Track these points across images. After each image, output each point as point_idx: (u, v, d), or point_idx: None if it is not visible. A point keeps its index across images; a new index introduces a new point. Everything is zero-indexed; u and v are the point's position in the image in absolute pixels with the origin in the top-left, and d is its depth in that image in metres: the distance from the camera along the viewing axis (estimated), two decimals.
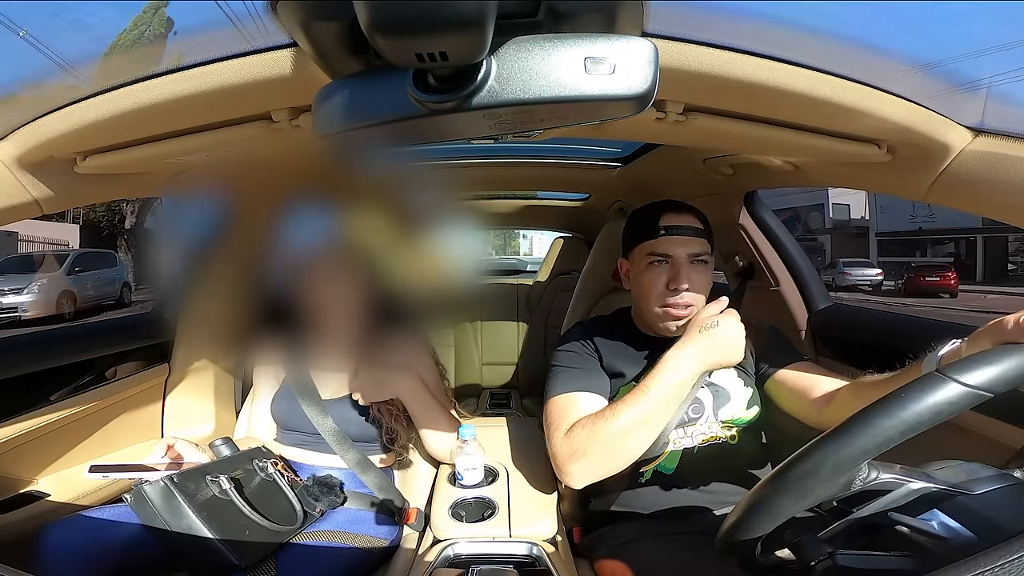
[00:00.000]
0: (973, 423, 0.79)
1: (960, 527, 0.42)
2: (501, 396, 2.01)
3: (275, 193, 1.23)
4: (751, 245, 1.30)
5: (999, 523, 0.41)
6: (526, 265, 4.05)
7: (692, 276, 0.89)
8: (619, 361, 0.95)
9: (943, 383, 0.42)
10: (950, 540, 0.42)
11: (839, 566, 0.46)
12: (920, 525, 0.44)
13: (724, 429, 0.91)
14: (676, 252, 0.90)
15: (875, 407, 0.44)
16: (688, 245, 0.90)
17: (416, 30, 0.31)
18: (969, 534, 0.42)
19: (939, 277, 13.13)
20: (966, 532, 0.42)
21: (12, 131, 0.61)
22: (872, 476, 0.45)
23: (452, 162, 1.50)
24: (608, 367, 0.95)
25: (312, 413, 1.03)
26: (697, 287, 0.90)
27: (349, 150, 0.78)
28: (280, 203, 1.24)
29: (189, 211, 1.22)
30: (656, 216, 0.93)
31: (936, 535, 0.43)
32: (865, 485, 0.45)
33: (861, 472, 0.45)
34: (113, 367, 1.19)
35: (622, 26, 0.42)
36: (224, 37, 0.47)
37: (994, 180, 0.59)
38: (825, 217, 17.27)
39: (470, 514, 0.92)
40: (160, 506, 0.79)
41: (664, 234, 0.91)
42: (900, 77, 0.53)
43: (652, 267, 0.92)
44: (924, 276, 13.49)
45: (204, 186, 1.08)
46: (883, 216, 15.98)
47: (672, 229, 0.91)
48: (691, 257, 0.90)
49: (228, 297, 1.27)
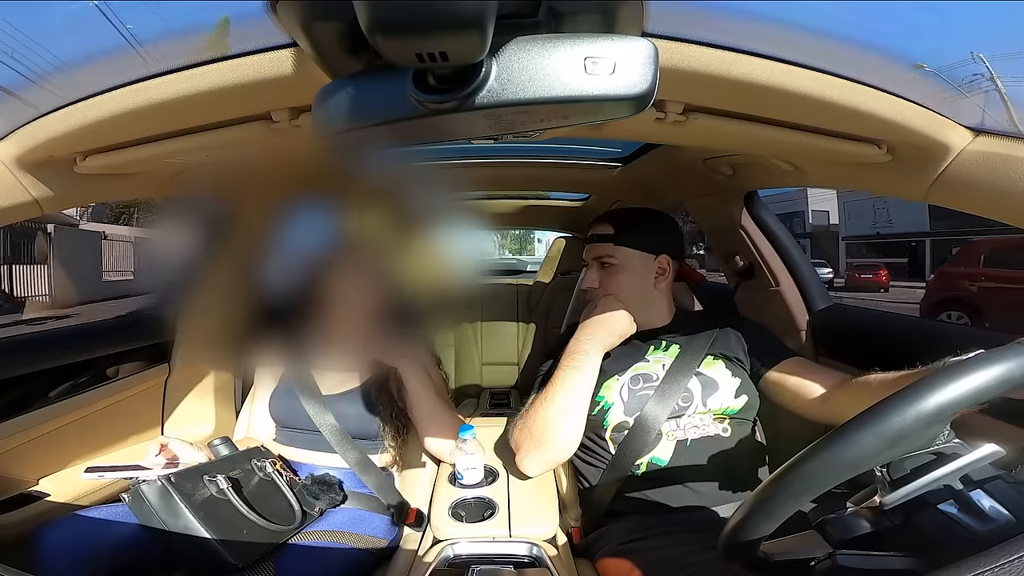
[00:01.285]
0: (973, 423, 0.79)
1: (1002, 509, 0.43)
2: (501, 396, 2.01)
3: (275, 193, 1.23)
4: (751, 245, 1.30)
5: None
6: (526, 265, 4.05)
7: (598, 276, 1.03)
8: (608, 360, 0.99)
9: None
10: (995, 520, 0.43)
11: (839, 566, 0.46)
12: (973, 502, 0.44)
13: (716, 422, 0.93)
14: (587, 257, 1.07)
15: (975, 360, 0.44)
16: (593, 251, 1.05)
17: (416, 30, 0.31)
18: (1010, 516, 0.42)
19: (872, 275, 14.92)
20: (1007, 514, 0.42)
21: (12, 131, 0.61)
22: (952, 437, 0.46)
23: (452, 162, 1.50)
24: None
25: (312, 409, 1.04)
26: (605, 287, 1.02)
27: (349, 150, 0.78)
28: (280, 203, 1.24)
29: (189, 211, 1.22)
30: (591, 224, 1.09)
31: (985, 514, 0.43)
32: (944, 444, 0.46)
33: (945, 430, 0.45)
34: (113, 367, 1.19)
35: (622, 26, 0.42)
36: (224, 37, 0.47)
37: (994, 180, 0.59)
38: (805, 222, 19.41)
39: (470, 514, 0.92)
40: (157, 506, 0.79)
41: (588, 242, 1.08)
42: (900, 77, 0.53)
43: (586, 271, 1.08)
44: (860, 274, 15.22)
45: (204, 186, 1.08)
46: (851, 222, 18.43)
47: (590, 238, 1.07)
48: (597, 261, 1.04)
49: (228, 297, 1.27)
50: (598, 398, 0.97)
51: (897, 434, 0.44)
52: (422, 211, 1.18)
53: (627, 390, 0.96)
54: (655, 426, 0.91)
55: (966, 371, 0.43)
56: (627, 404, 0.95)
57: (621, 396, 0.96)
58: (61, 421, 1.02)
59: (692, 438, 0.92)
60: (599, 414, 0.96)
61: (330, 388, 1.09)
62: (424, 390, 1.06)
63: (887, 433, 0.44)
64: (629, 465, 0.92)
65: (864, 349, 1.07)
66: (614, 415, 0.95)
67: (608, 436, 0.96)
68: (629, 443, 0.92)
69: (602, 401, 0.97)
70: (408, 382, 1.06)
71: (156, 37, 0.49)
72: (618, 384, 0.97)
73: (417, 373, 1.06)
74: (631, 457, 0.91)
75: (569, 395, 0.90)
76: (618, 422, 0.95)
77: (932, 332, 1.08)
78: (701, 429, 0.92)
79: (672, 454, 0.91)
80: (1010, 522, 0.41)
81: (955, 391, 0.43)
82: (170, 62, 0.50)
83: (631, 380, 0.97)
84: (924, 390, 0.44)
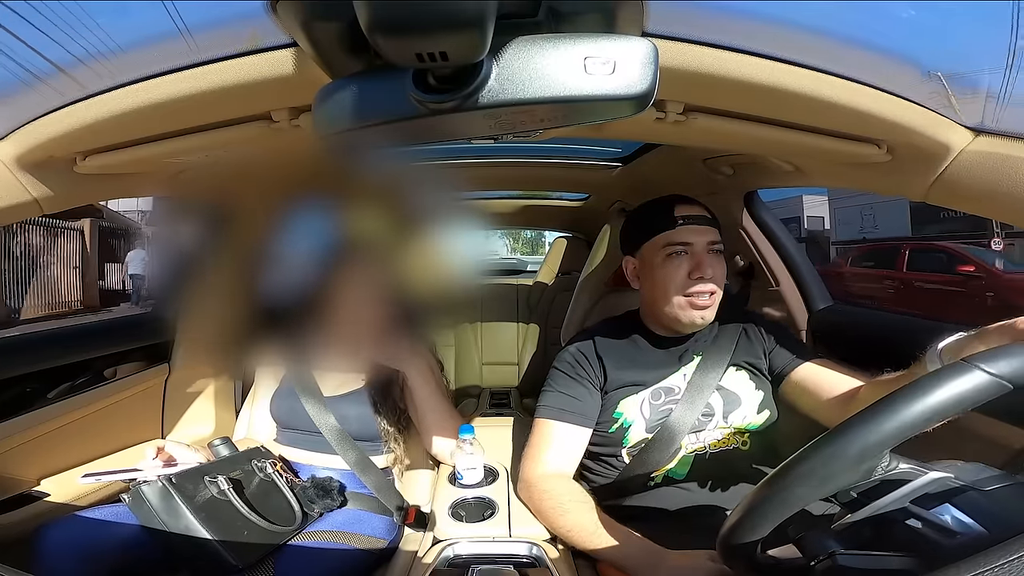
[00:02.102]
0: (973, 423, 0.79)
1: (972, 522, 0.42)
2: (501, 396, 2.01)
3: (275, 193, 1.23)
4: (751, 245, 1.30)
5: (1010, 519, 0.41)
6: (526, 265, 4.04)
7: (713, 264, 0.89)
8: (629, 369, 0.94)
9: (969, 370, 0.42)
10: (963, 534, 0.42)
11: (839, 566, 0.46)
12: (934, 518, 0.44)
13: (736, 435, 0.90)
14: (696, 240, 0.89)
15: (902, 393, 0.43)
16: (705, 234, 0.90)
17: (416, 30, 0.30)
18: (981, 529, 0.42)
19: None
20: (978, 527, 0.42)
21: (12, 131, 0.61)
22: (893, 465, 0.45)
23: (452, 162, 1.50)
24: (614, 378, 0.94)
25: (313, 410, 1.04)
26: (717, 277, 0.89)
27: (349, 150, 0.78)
28: (281, 203, 1.24)
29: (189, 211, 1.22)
30: (670, 207, 0.92)
31: (950, 529, 0.43)
32: (886, 473, 0.45)
33: (884, 460, 0.45)
34: (113, 367, 1.19)
35: (622, 26, 0.42)
36: (224, 37, 0.47)
37: (994, 180, 0.59)
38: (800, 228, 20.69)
39: (470, 514, 0.92)
40: (158, 506, 0.79)
41: (683, 224, 0.90)
42: (900, 77, 0.53)
43: (671, 259, 0.90)
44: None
45: (204, 186, 1.08)
46: (840, 227, 19.58)
47: (689, 219, 0.90)
48: (709, 245, 0.90)
49: (228, 297, 1.27)
50: (616, 414, 0.92)
51: (822, 478, 0.45)
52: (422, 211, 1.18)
53: (648, 406, 0.91)
54: (676, 440, 0.87)
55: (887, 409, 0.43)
56: (648, 420, 0.90)
57: (643, 413, 0.91)
58: (61, 421, 1.02)
59: (711, 451, 0.88)
60: (618, 432, 0.92)
61: (332, 389, 1.09)
62: (428, 392, 1.06)
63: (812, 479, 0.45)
64: (644, 478, 0.89)
65: (864, 349, 1.07)
66: (635, 433, 0.91)
67: (625, 452, 0.92)
68: (646, 455, 0.88)
69: (621, 418, 0.92)
70: (412, 384, 1.06)
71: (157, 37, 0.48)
72: (639, 400, 0.92)
73: (421, 373, 1.06)
74: (648, 469, 0.88)
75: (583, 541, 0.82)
76: (638, 439, 0.91)
77: (932, 332, 1.08)
78: (721, 443, 0.89)
79: (690, 467, 0.88)
80: (981, 534, 0.41)
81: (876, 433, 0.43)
82: (170, 62, 0.50)
83: (652, 395, 0.92)
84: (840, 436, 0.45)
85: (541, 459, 0.91)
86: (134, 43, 0.49)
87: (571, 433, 0.92)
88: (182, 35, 0.48)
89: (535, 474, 0.91)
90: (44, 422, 0.98)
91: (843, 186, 0.87)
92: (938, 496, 0.45)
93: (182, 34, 0.48)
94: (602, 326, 1.06)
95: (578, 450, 0.93)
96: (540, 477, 0.90)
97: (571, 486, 0.89)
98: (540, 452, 0.92)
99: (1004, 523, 0.41)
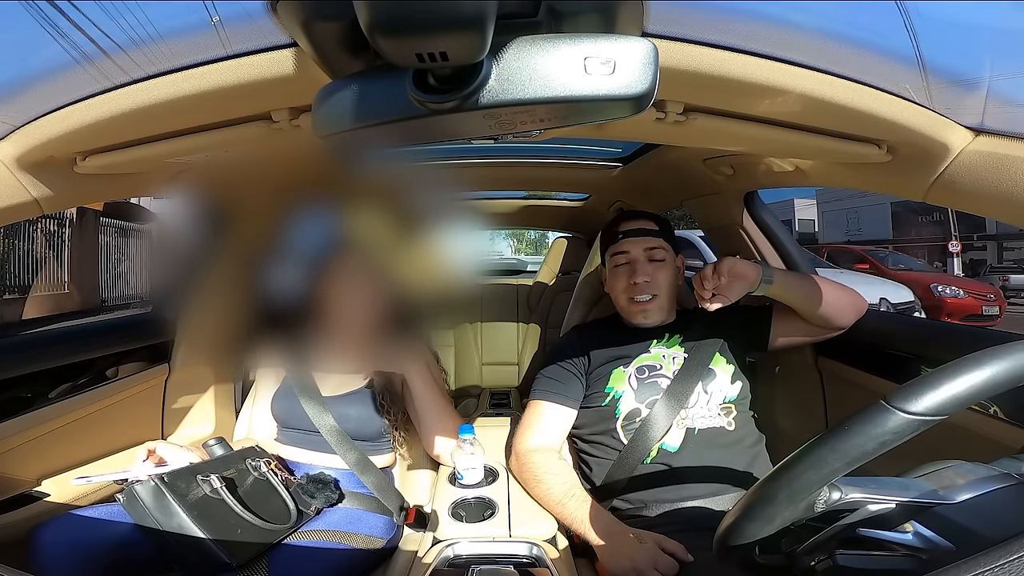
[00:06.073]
0: (973, 423, 0.79)
1: (937, 537, 0.42)
2: (501, 396, 2.01)
3: (275, 193, 1.23)
4: (751, 245, 1.30)
5: (977, 531, 0.41)
6: (526, 265, 4.04)
7: (648, 270, 1.03)
8: (609, 348, 1.07)
9: (888, 414, 0.41)
10: (927, 551, 0.42)
11: (839, 566, 0.46)
12: (893, 538, 0.44)
13: (723, 414, 0.97)
14: (632, 249, 1.06)
15: (822, 439, 0.44)
16: (642, 243, 1.05)
17: (416, 30, 0.30)
18: (947, 544, 0.42)
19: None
20: (944, 542, 0.42)
21: (12, 131, 0.61)
22: (835, 497, 0.45)
23: (452, 162, 1.50)
24: (599, 362, 1.06)
25: (312, 410, 1.03)
26: (655, 280, 1.03)
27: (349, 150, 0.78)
28: (281, 203, 1.24)
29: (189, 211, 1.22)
30: (617, 223, 1.11)
31: (911, 546, 0.43)
32: (829, 507, 0.46)
33: (822, 495, 0.45)
34: (113, 367, 1.18)
35: (622, 26, 0.42)
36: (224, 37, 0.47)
37: (994, 180, 0.59)
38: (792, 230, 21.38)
39: (470, 514, 0.92)
40: (151, 505, 0.80)
41: (623, 237, 1.07)
42: (900, 77, 0.53)
43: (617, 268, 1.07)
44: None
45: (204, 186, 1.08)
46: (828, 229, 20.71)
47: (629, 232, 1.07)
48: (646, 252, 1.05)
49: (229, 297, 1.27)
50: (607, 388, 1.01)
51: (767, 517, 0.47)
52: (422, 212, 1.18)
53: (635, 379, 1.00)
54: (670, 414, 0.94)
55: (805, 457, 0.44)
56: (637, 392, 0.98)
57: (630, 384, 1.00)
58: (61, 421, 1.01)
59: (700, 428, 0.95)
60: (610, 404, 0.99)
61: (331, 390, 1.09)
62: (428, 393, 1.06)
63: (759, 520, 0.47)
64: (640, 455, 0.94)
65: (864, 349, 1.07)
66: (625, 403, 0.98)
67: (619, 425, 0.98)
68: (643, 431, 0.95)
69: (611, 391, 1.00)
70: (412, 385, 1.06)
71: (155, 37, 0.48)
72: (625, 374, 1.02)
73: (421, 373, 1.06)
74: (644, 445, 0.94)
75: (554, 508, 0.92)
76: (630, 410, 0.98)
77: (932, 331, 1.08)
78: (708, 420, 0.96)
79: (682, 441, 0.94)
80: (949, 549, 0.41)
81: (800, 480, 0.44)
82: (170, 62, 0.50)
83: (637, 370, 1.02)
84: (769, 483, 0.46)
85: (527, 434, 1.02)
86: (134, 43, 0.48)
87: (555, 411, 1.03)
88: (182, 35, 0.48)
89: (521, 447, 1.01)
90: (44, 422, 0.98)
91: (843, 186, 0.88)
92: (902, 513, 0.45)
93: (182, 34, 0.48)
94: (590, 324, 1.21)
95: (562, 426, 1.04)
96: (525, 450, 1.00)
97: (549, 458, 0.98)
98: (526, 428, 1.03)
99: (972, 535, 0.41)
